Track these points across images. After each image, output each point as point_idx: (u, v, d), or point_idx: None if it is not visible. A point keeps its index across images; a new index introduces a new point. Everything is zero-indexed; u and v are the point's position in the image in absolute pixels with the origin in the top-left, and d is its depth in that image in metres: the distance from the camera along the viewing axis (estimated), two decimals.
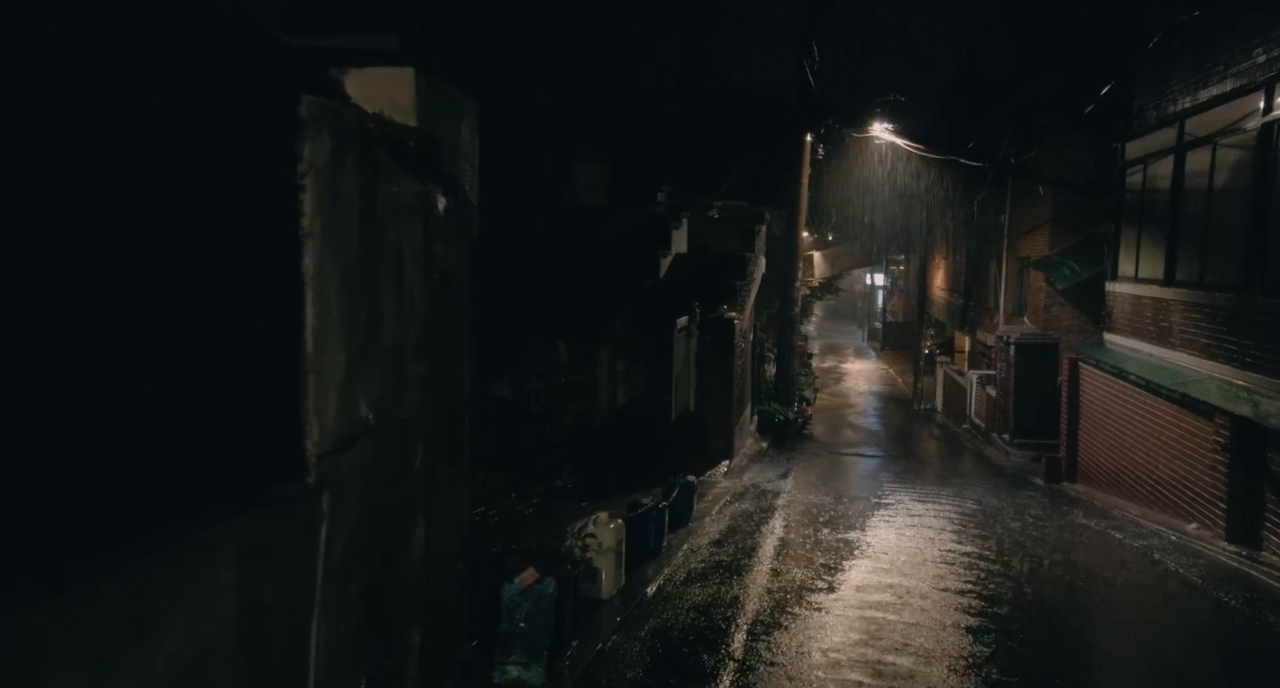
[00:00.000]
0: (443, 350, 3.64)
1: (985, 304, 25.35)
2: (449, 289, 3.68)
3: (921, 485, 13.18)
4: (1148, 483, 11.48)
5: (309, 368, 2.65)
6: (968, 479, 14.58)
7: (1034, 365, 17.82)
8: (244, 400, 2.39)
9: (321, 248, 2.67)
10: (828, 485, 12.79)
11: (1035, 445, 17.48)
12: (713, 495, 11.07)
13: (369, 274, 2.94)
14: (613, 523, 6.41)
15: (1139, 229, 13.00)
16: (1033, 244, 20.25)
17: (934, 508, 10.83)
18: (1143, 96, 13.13)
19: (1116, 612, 7.12)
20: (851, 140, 20.90)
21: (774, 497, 11.27)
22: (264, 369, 2.50)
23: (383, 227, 3.03)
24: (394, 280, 3.13)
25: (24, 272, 1.69)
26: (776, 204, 20.77)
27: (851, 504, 11.00)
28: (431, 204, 3.45)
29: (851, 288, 47.89)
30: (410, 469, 3.31)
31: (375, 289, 2.98)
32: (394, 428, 3.16)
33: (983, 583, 7.29)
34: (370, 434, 2.99)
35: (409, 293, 3.25)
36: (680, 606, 6.38)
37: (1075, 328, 18.82)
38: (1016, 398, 18.05)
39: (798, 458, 15.84)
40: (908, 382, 32.44)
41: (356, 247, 2.86)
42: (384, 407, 3.08)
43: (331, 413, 2.75)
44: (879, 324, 48.66)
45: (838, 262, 35.62)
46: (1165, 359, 11.50)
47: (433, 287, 3.49)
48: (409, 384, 3.28)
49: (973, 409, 22.39)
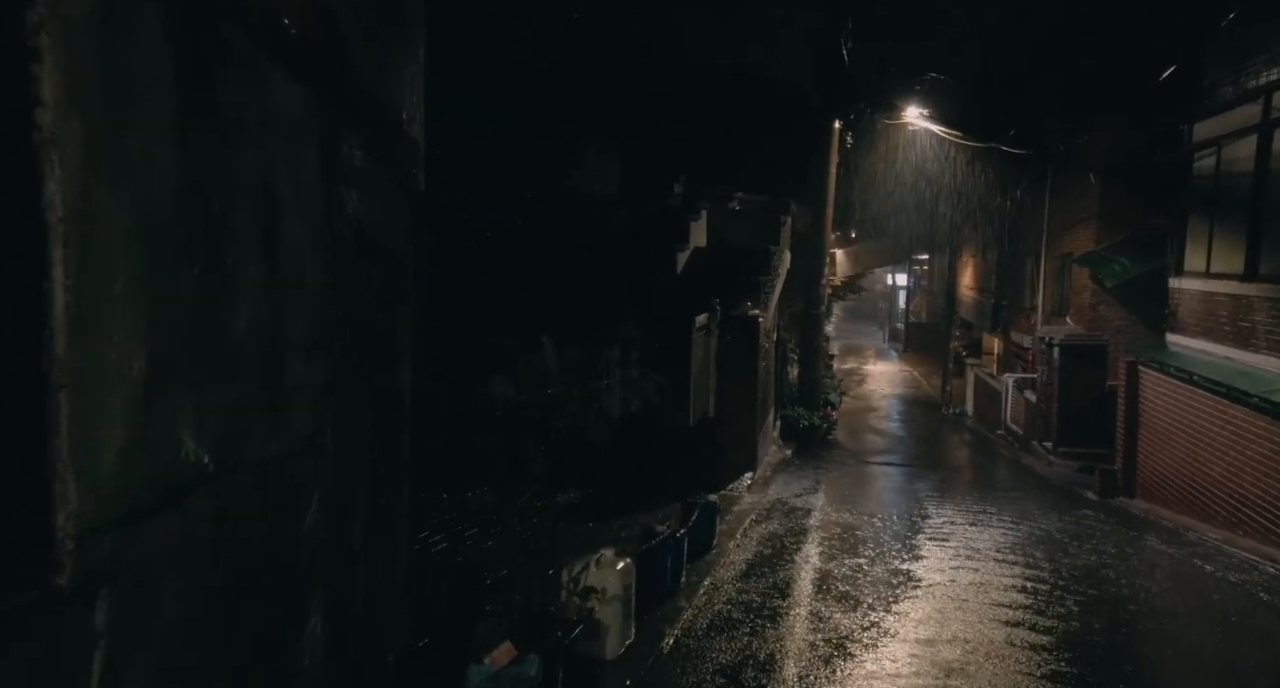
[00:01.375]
0: (361, 347, 2.47)
1: (1020, 304, 24.02)
2: (372, 259, 2.50)
3: (965, 501, 11.93)
4: (1227, 503, 10.19)
5: (59, 381, 1.48)
6: (1013, 493, 13.30)
7: (1080, 369, 16.49)
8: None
9: (82, 167, 1.50)
10: (863, 501, 11.56)
11: (1081, 455, 16.16)
12: (736, 513, 9.86)
13: (197, 219, 1.76)
14: (620, 563, 5.22)
15: (1210, 219, 11.69)
16: (1076, 239, 18.93)
17: (987, 532, 9.58)
18: (1215, 72, 11.82)
19: (1243, 676, 5.88)
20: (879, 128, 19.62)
21: (804, 516, 10.05)
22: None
23: (228, 147, 1.85)
24: (258, 236, 1.95)
25: None
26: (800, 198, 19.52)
27: (892, 524, 9.76)
28: (336, 129, 2.28)
29: (872, 288, 46.56)
30: (292, 532, 2.14)
31: (213, 245, 1.81)
32: (259, 470, 1.99)
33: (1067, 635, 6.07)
34: (207, 485, 1.82)
35: (291, 259, 2.07)
36: (703, 668, 5.18)
37: (1125, 329, 17.51)
38: (1060, 404, 16.73)
39: (825, 468, 14.60)
40: (933, 384, 31.11)
41: (170, 170, 1.68)
42: (238, 439, 1.90)
43: (112, 458, 1.58)
44: (901, 325, 47.35)
45: (861, 260, 34.23)
46: (1246, 363, 10.21)
47: (342, 253, 2.32)
48: (293, 400, 2.11)
49: (1008, 415, 21.05)
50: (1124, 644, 6.03)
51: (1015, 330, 24.06)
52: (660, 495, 9.92)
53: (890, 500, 11.75)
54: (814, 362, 18.68)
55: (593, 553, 5.26)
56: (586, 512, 9.16)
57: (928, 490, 12.79)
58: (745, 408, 12.03)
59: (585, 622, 4.48)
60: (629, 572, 5.27)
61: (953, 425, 24.25)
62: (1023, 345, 22.90)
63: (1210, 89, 11.92)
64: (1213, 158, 11.66)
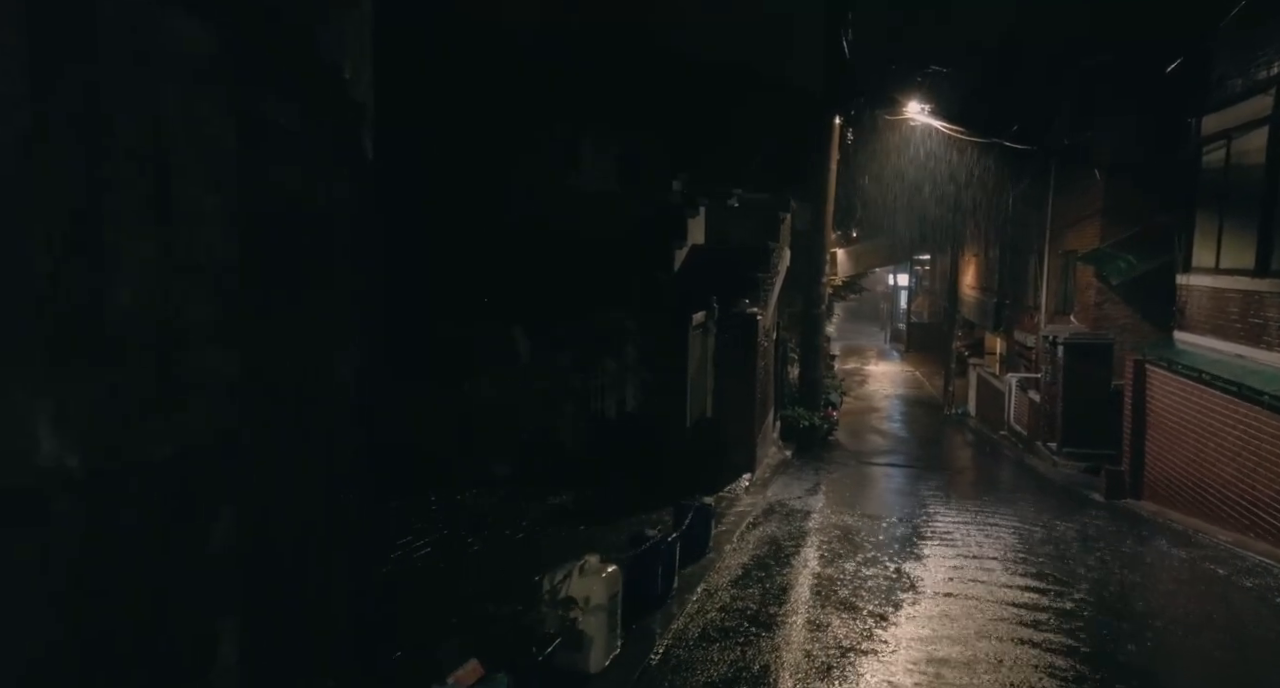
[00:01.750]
0: (291, 335, 2.18)
1: (1023, 302, 23.72)
2: (303, 235, 2.21)
3: (969, 503, 11.63)
4: (1238, 504, 9.88)
5: None
6: (1018, 495, 13.00)
7: (1085, 368, 16.19)
8: None
9: None
10: (863, 503, 11.26)
11: (1087, 456, 15.86)
12: (734, 516, 9.57)
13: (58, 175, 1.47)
14: (606, 570, 4.92)
15: (1220, 213, 11.39)
16: (1080, 236, 18.62)
17: (991, 533, 9.29)
18: (1224, 64, 11.53)
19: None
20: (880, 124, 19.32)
21: (804, 518, 9.76)
22: None
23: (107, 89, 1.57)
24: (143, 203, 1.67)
25: None
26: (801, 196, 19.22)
27: (894, 527, 9.47)
28: (255, 83, 1.99)
29: (873, 289, 46.29)
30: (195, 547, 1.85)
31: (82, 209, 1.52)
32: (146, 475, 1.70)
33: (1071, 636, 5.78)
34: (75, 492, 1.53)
35: (189, 231, 1.79)
36: (693, 681, 4.88)
37: (1130, 327, 17.21)
38: (1065, 403, 16.42)
39: (826, 469, 14.31)
40: (935, 384, 30.82)
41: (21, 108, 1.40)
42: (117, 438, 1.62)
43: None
44: (902, 325, 47.06)
45: (862, 259, 33.90)
46: (1259, 361, 9.90)
47: (260, 226, 2.03)
48: (192, 393, 1.82)
49: (1011, 415, 20.75)
50: (1141, 656, 5.73)
51: (1018, 329, 23.75)
52: (656, 498, 9.64)
53: (892, 502, 11.46)
54: (815, 361, 18.39)
55: (578, 559, 4.97)
56: (578, 515, 8.87)
57: (931, 492, 12.49)
58: (743, 408, 11.74)
59: (566, 634, 4.19)
60: (615, 579, 4.97)
61: (955, 426, 23.96)
62: (1026, 345, 22.60)
63: (1219, 81, 11.62)
64: (1222, 151, 11.36)
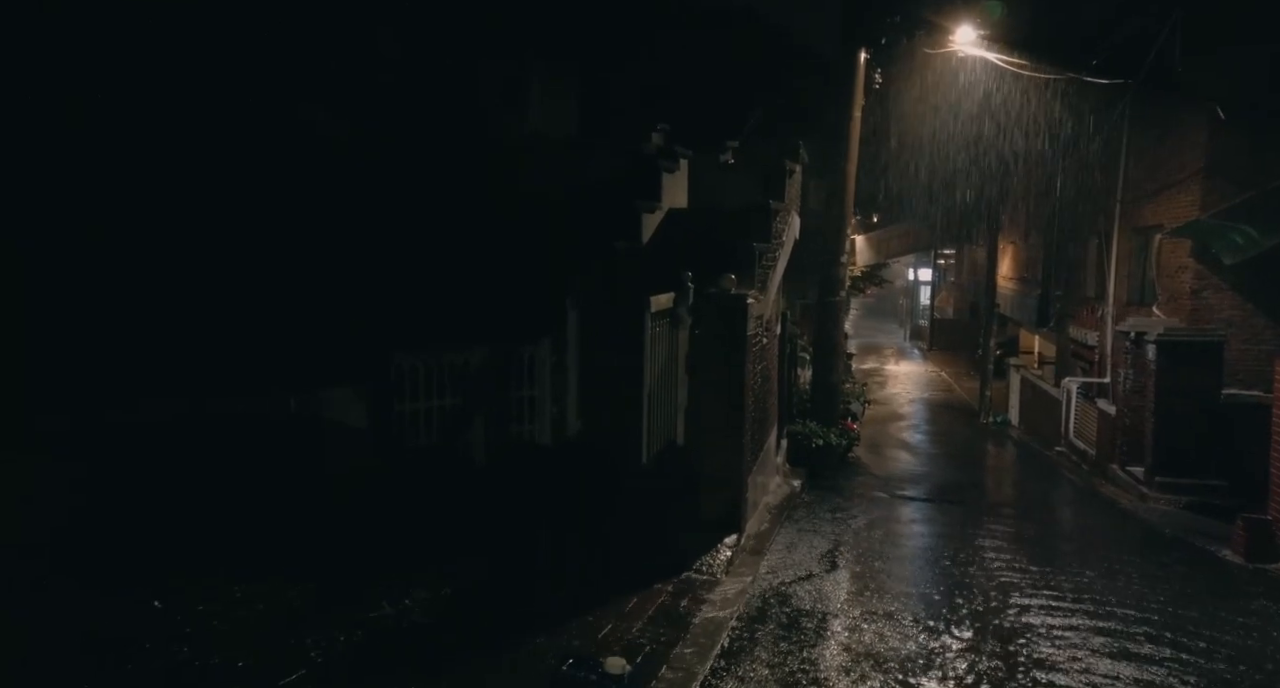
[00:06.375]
0: None
1: (1079, 293, 19.89)
2: None
3: (1060, 577, 7.91)
4: None
5: None
6: (1120, 554, 9.25)
7: (1184, 373, 12.40)
8: None
9: None
10: (906, 583, 7.53)
11: (1189, 487, 12.11)
12: (699, 626, 5.87)
13: None
14: None
15: None
16: (1166, 207, 14.80)
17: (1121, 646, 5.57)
18: None
19: None
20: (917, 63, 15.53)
21: (815, 636, 6.06)
22: None
23: None
24: None
25: None
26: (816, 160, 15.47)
27: (969, 650, 5.76)
28: None
29: (892, 282, 42.46)
30: None
31: None
32: None
33: None
34: None
35: None
36: None
37: (1239, 321, 13.42)
38: (1157, 418, 12.64)
39: (846, 511, 10.59)
40: (964, 387, 27.06)
41: None
42: None
43: None
44: (924, 322, 43.44)
45: (884, 246, 30.13)
46: None
47: None
48: None
49: (1071, 428, 16.95)
50: None
51: (1074, 325, 19.93)
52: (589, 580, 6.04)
53: (950, 581, 7.69)
54: (831, 363, 14.62)
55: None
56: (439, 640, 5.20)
57: (998, 554, 8.76)
58: (728, 431, 7.97)
59: None
60: None
61: (996, 438, 20.16)
62: (1085, 343, 18.78)
63: None
64: None
